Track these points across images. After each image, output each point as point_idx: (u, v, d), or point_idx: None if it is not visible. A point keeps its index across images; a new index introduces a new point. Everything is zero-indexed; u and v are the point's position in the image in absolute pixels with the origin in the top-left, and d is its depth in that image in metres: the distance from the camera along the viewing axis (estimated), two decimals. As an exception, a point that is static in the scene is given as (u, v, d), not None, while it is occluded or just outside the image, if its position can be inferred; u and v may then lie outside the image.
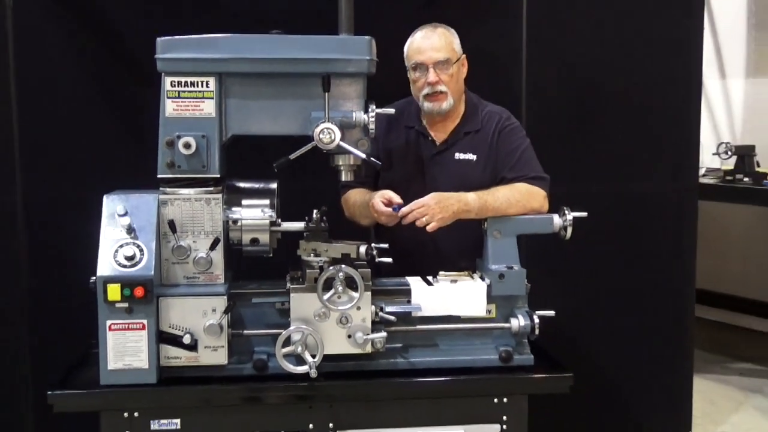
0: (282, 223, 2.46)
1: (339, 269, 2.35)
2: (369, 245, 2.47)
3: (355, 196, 2.94)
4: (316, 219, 2.45)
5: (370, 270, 2.43)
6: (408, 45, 2.90)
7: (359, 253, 2.44)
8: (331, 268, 2.36)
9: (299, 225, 2.46)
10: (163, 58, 2.35)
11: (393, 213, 2.66)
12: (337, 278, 2.35)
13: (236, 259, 2.50)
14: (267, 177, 2.49)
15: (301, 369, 2.33)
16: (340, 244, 2.44)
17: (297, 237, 2.46)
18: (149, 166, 2.40)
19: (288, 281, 2.45)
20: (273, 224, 2.43)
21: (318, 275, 2.37)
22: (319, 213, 2.46)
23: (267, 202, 2.45)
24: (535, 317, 2.48)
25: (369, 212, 2.78)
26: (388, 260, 2.50)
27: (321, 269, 2.38)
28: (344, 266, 2.36)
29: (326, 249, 2.43)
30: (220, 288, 2.37)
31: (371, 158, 2.48)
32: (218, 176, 2.39)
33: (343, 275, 2.35)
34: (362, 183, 2.90)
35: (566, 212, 2.60)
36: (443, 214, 2.62)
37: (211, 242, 2.37)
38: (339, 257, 2.42)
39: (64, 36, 3.72)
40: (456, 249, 2.77)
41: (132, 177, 2.55)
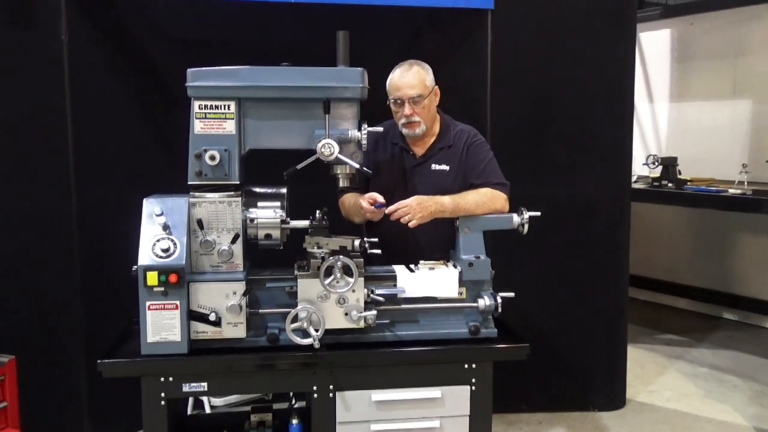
0: (290, 222, 2.44)
1: (337, 259, 2.35)
2: (362, 239, 2.48)
3: (350, 200, 2.92)
4: (319, 218, 2.45)
5: (363, 260, 2.43)
6: (389, 81, 2.87)
7: (354, 246, 2.44)
8: (331, 258, 2.36)
9: (305, 223, 2.46)
10: (193, 86, 2.33)
11: (376, 210, 2.66)
12: (336, 266, 2.35)
13: (253, 251, 2.48)
14: (278, 183, 2.48)
15: (307, 341, 2.33)
16: (338, 239, 2.44)
17: (303, 233, 2.46)
18: (180, 175, 2.38)
19: (295, 269, 2.44)
20: (283, 222, 2.42)
21: (320, 264, 2.37)
22: (321, 213, 2.46)
23: (278, 204, 2.45)
24: (498, 298, 2.48)
25: (361, 212, 2.77)
26: (378, 252, 2.51)
27: (323, 259, 2.38)
28: (342, 257, 2.36)
29: (327, 242, 2.43)
30: (240, 275, 2.36)
31: (364, 168, 2.48)
32: (238, 183, 2.38)
33: (341, 264, 2.35)
34: (356, 189, 2.88)
35: (523, 212, 2.60)
36: (422, 213, 2.61)
37: (232, 237, 2.36)
38: (337, 249, 2.42)
39: (111, 66, 3.71)
40: (433, 242, 2.76)
41: (166, 183, 2.53)
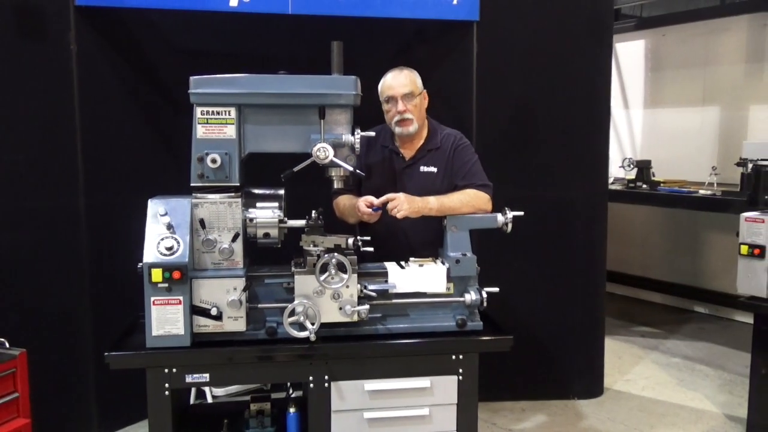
0: (288, 221, 2.44)
1: (332, 256, 2.36)
2: (355, 238, 2.47)
3: (344, 201, 2.94)
4: (314, 218, 2.45)
5: (356, 257, 2.44)
6: (381, 83, 2.90)
7: (348, 244, 2.44)
8: (326, 256, 2.36)
9: (301, 222, 2.45)
10: (195, 93, 2.33)
11: (373, 212, 2.68)
12: (331, 263, 2.36)
13: (252, 249, 2.48)
14: (276, 185, 2.47)
15: (303, 334, 2.34)
16: (333, 237, 2.44)
17: (299, 232, 2.45)
18: (184, 177, 2.38)
19: (293, 266, 2.44)
20: (281, 222, 2.42)
21: (316, 261, 2.37)
22: (317, 213, 2.46)
23: (276, 205, 2.44)
24: (484, 293, 2.50)
25: (355, 213, 2.78)
26: (370, 249, 2.51)
27: (318, 256, 2.38)
28: (336, 254, 2.37)
29: (322, 241, 2.43)
30: (240, 271, 2.36)
31: (357, 170, 2.48)
32: (238, 185, 2.37)
33: (336, 261, 2.36)
34: (349, 190, 2.90)
35: (507, 212, 2.62)
36: (409, 206, 2.63)
37: (233, 236, 2.36)
38: (332, 247, 2.42)
39: (118, 74, 3.69)
40: (422, 241, 2.78)
41: (170, 185, 2.53)
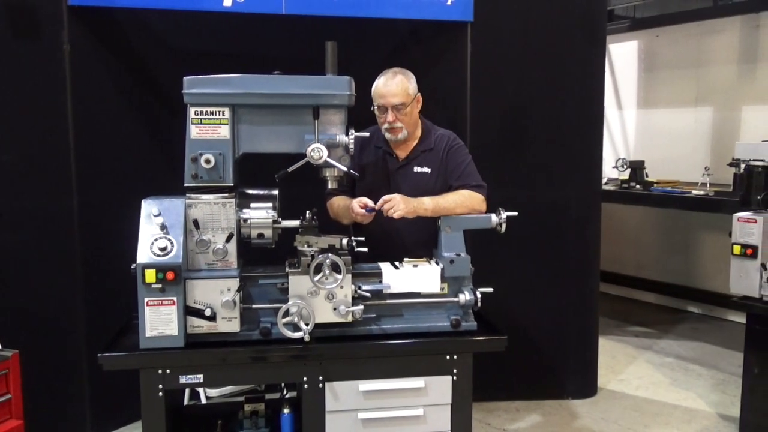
0: (282, 221, 2.43)
1: (326, 257, 2.34)
2: (349, 238, 2.47)
3: (338, 201, 2.92)
4: (308, 218, 2.44)
5: (351, 257, 2.43)
6: (374, 88, 2.86)
7: (342, 245, 2.43)
8: (320, 256, 2.35)
9: (295, 223, 2.44)
10: (189, 93, 2.31)
11: (367, 213, 2.67)
12: (325, 264, 2.34)
13: (246, 250, 2.47)
14: (270, 185, 2.47)
15: (297, 334, 2.32)
16: (327, 237, 2.43)
17: (293, 232, 2.45)
18: (177, 177, 2.37)
19: (287, 266, 2.43)
20: (275, 222, 2.40)
21: (310, 262, 2.36)
22: (311, 213, 2.45)
23: (270, 205, 2.43)
24: (478, 293, 2.48)
25: (349, 214, 2.77)
26: (364, 250, 2.50)
27: (312, 257, 2.37)
28: (330, 255, 2.35)
29: (316, 241, 2.42)
30: (234, 272, 2.35)
31: (351, 171, 2.47)
32: (232, 185, 2.36)
33: (330, 261, 2.34)
34: (343, 191, 2.88)
35: (501, 212, 2.61)
36: (406, 206, 2.63)
37: (227, 236, 2.35)
38: (326, 248, 2.41)
39: (111, 74, 3.68)
40: (416, 241, 2.76)
41: (164, 185, 2.51)
